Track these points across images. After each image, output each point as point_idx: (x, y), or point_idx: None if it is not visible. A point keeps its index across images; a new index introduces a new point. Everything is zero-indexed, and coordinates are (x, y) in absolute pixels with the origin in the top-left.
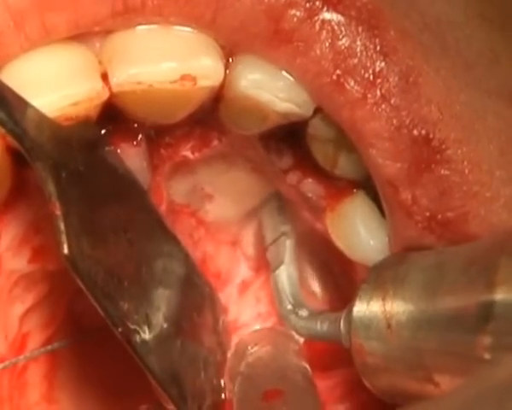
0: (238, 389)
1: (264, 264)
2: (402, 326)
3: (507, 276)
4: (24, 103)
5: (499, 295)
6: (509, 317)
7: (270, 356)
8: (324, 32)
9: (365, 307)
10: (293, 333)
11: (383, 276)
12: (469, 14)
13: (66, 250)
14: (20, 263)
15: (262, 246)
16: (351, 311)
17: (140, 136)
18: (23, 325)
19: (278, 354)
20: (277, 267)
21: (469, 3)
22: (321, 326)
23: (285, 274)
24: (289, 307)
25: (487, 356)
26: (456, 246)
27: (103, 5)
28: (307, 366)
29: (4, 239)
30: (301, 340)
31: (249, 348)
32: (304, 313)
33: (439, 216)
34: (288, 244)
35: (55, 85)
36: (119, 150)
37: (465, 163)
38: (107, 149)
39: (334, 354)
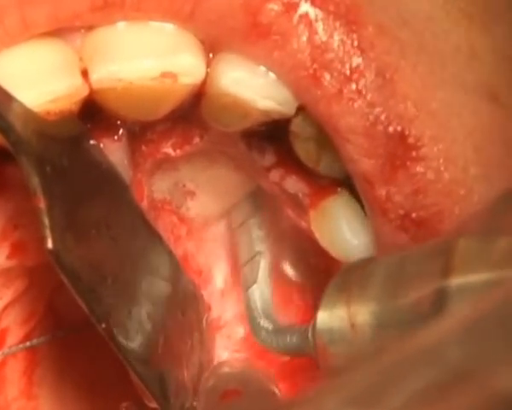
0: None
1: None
2: (365, 325)
3: (462, 260)
4: (9, 97)
5: (454, 280)
6: (466, 300)
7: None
8: (302, 26)
9: (330, 310)
10: None
11: (349, 278)
12: (448, 10)
13: (50, 245)
14: None
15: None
16: (315, 320)
17: (121, 131)
18: (2, 320)
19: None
20: (250, 286)
21: (446, 0)
22: (290, 339)
23: (257, 293)
24: (260, 324)
25: None
26: (418, 246)
27: (81, 0)
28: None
29: None
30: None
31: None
32: (274, 328)
33: (413, 214)
34: (262, 263)
35: (35, 81)
36: (101, 145)
37: (441, 161)
38: (91, 144)
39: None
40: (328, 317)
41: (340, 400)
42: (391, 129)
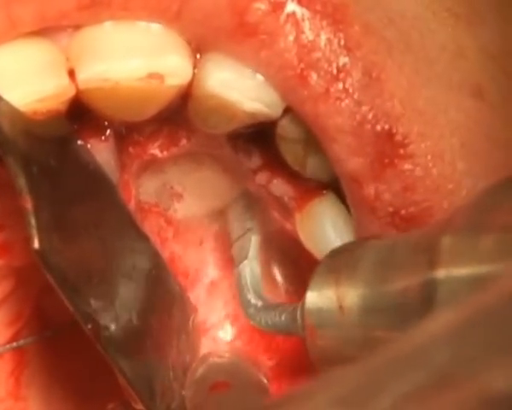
0: (189, 384)
1: (233, 265)
2: (353, 308)
3: (448, 254)
4: None
5: (440, 274)
6: (452, 295)
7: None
8: (289, 26)
9: (318, 291)
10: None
11: (338, 259)
12: (435, 10)
13: (36, 245)
14: None
15: (230, 246)
16: (304, 299)
17: (108, 131)
18: None
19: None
20: (241, 262)
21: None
22: (279, 317)
23: (248, 269)
24: (250, 300)
25: None
26: (410, 231)
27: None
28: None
29: None
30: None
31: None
32: (263, 305)
33: (403, 211)
34: (253, 240)
35: (21, 81)
36: (88, 146)
37: (428, 157)
38: (78, 144)
39: (301, 358)
40: (317, 297)
41: (328, 400)
42: (378, 127)
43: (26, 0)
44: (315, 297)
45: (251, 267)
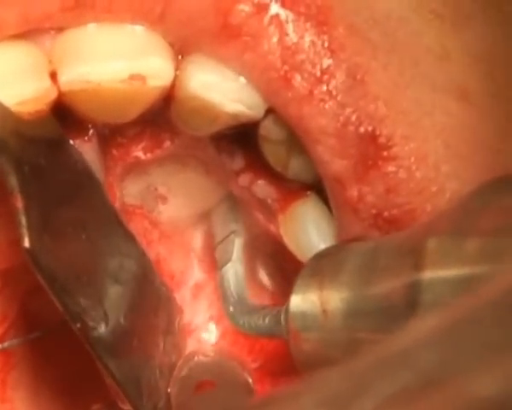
0: (173, 382)
1: (217, 265)
2: (337, 312)
3: (433, 257)
4: None
5: (426, 276)
6: (437, 298)
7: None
8: (272, 28)
9: (302, 295)
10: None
11: (321, 263)
12: (420, 11)
13: (27, 244)
14: None
15: (214, 249)
16: (288, 302)
17: (91, 132)
18: None
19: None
20: (224, 265)
21: (421, 0)
22: (263, 321)
23: (231, 271)
24: (233, 303)
25: None
26: (393, 233)
27: (52, 1)
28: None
29: None
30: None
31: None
32: (247, 308)
33: (386, 213)
34: (237, 243)
35: (3, 83)
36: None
37: (412, 159)
38: (67, 144)
39: (285, 360)
40: (301, 301)
41: (313, 401)
42: (362, 129)
43: (9, 2)
44: (299, 301)
45: (234, 270)
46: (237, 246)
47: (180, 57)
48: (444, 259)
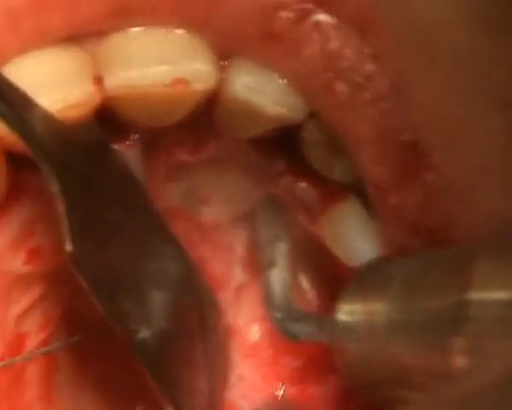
0: None
1: (260, 268)
2: (382, 324)
3: (481, 278)
4: (30, 101)
5: (473, 297)
6: (483, 319)
7: None
8: (315, 34)
9: (348, 305)
10: None
11: (369, 275)
12: (464, 19)
13: (69, 248)
14: (15, 264)
15: (257, 250)
16: (335, 312)
17: (135, 136)
18: (20, 326)
19: None
20: (269, 270)
21: (465, 8)
22: (307, 328)
23: (276, 276)
24: (278, 308)
25: (462, 361)
26: (439, 249)
27: (98, 5)
28: None
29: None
30: None
31: None
32: (292, 315)
33: (426, 221)
34: (282, 247)
35: (49, 88)
36: None
37: (452, 168)
38: (110, 148)
39: (328, 360)
40: (347, 311)
41: None
42: (403, 137)
43: (55, 8)
44: (345, 310)
45: (279, 274)
46: (281, 250)
47: (225, 62)
48: (492, 280)
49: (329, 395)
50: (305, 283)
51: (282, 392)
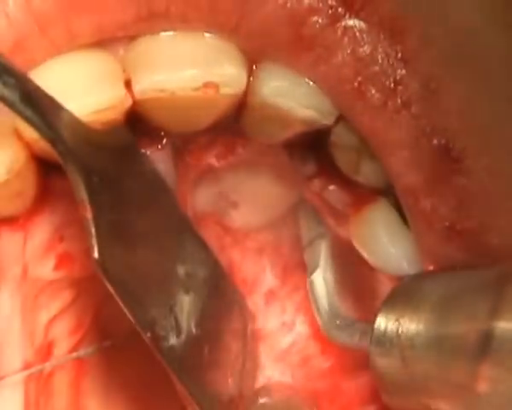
0: None
1: (290, 273)
2: (413, 348)
3: (509, 305)
4: (58, 106)
5: (501, 324)
6: (508, 349)
7: None
8: (346, 39)
9: (383, 325)
10: None
11: (402, 297)
12: (492, 22)
13: (96, 254)
14: (44, 270)
15: (288, 254)
16: (372, 328)
17: (165, 140)
18: (49, 331)
19: None
20: (313, 271)
21: (493, 11)
22: (353, 337)
23: (320, 279)
24: (324, 313)
25: (486, 387)
26: (469, 270)
27: (128, 10)
28: None
29: (29, 247)
30: None
31: None
32: (338, 320)
33: (458, 226)
34: (324, 246)
35: (79, 93)
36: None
37: (484, 173)
38: (138, 153)
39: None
40: (381, 333)
41: None
42: (435, 141)
43: (85, 12)
44: (379, 333)
45: (323, 277)
46: (324, 250)
47: (254, 66)
48: None
49: (365, 389)
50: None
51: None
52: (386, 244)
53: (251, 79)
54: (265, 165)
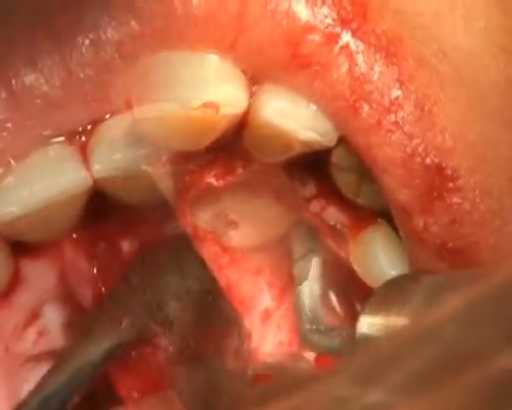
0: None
1: (288, 293)
2: None
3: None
4: None
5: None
6: None
7: None
8: (342, 57)
9: (369, 322)
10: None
11: (391, 291)
12: (488, 45)
13: None
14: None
15: (285, 275)
16: (356, 325)
17: (164, 158)
18: None
19: None
20: (301, 283)
21: (489, 34)
22: (334, 341)
23: (307, 290)
24: (306, 322)
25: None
26: (462, 270)
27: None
28: None
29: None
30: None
31: None
32: (320, 328)
33: (450, 244)
34: (315, 261)
35: None
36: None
37: (476, 192)
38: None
39: None
40: (368, 326)
41: (344, 379)
42: (428, 160)
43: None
44: (366, 325)
45: (310, 288)
46: (315, 265)
47: (254, 87)
48: None
49: None
50: (336, 306)
51: None
52: (386, 267)
53: (252, 99)
54: (265, 185)
